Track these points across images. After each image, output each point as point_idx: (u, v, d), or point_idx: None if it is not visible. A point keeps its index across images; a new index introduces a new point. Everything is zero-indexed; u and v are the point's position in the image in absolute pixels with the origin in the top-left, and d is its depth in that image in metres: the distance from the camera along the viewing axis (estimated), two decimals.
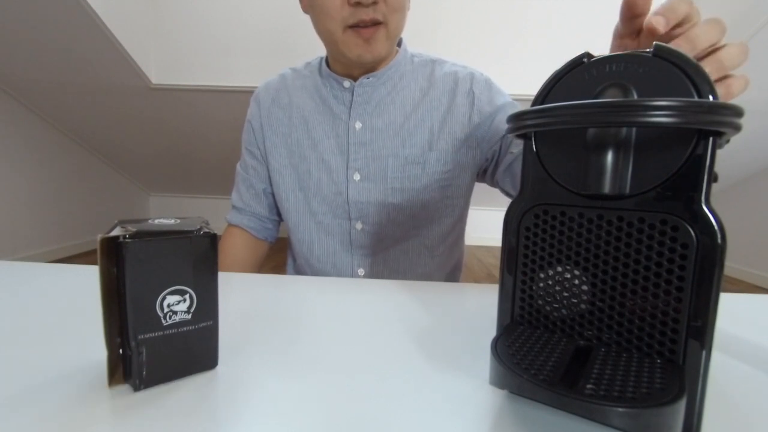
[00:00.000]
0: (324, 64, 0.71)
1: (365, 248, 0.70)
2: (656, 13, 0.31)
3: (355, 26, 0.59)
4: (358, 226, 0.69)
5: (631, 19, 0.34)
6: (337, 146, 0.69)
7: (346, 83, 0.68)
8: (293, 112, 0.72)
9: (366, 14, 0.58)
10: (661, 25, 0.31)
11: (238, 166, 0.78)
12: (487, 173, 0.71)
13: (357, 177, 0.68)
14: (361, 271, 0.71)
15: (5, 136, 2.63)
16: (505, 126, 0.65)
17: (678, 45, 0.30)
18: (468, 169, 0.69)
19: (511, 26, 2.43)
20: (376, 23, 0.59)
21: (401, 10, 0.61)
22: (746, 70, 0.31)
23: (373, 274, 0.71)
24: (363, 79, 0.67)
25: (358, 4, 0.57)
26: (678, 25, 0.32)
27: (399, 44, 0.72)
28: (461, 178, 0.69)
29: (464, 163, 0.69)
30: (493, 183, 0.71)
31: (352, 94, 0.68)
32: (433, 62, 0.72)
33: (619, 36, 0.37)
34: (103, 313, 0.25)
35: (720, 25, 0.32)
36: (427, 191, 0.68)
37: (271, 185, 0.75)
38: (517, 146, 0.63)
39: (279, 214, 0.78)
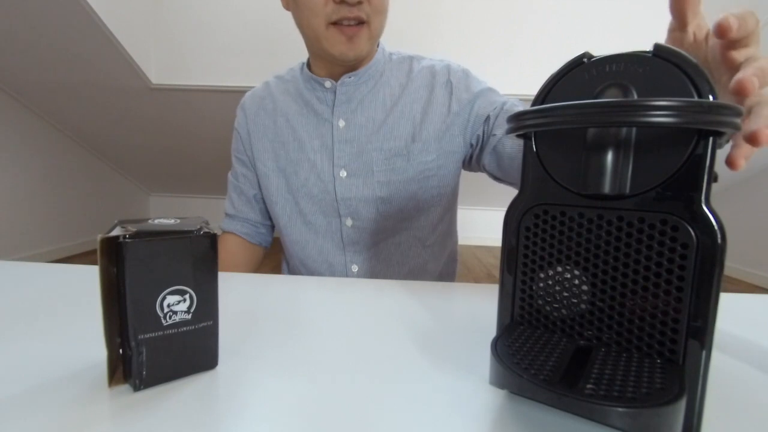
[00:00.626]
0: (305, 67, 0.72)
1: (357, 244, 0.71)
2: (732, 15, 0.29)
3: (338, 23, 0.60)
4: (348, 222, 0.70)
5: (678, 11, 0.33)
6: (321, 145, 0.69)
7: (327, 83, 0.69)
8: (278, 116, 0.73)
9: (350, 12, 0.59)
10: (734, 27, 0.28)
11: (229, 175, 0.79)
12: (473, 159, 0.72)
13: (343, 174, 0.68)
14: (354, 268, 0.71)
15: (5, 136, 2.63)
16: (485, 111, 0.67)
17: (754, 75, 0.27)
18: (453, 158, 0.70)
19: (512, 27, 2.43)
20: (360, 22, 0.60)
21: (384, 12, 0.63)
22: None
23: (366, 269, 0.71)
24: (345, 78, 0.68)
25: (342, 2, 0.58)
26: (737, 41, 0.30)
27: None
28: (446, 167, 0.70)
29: (448, 152, 0.69)
30: (480, 167, 0.72)
31: (335, 94, 0.69)
32: (411, 58, 0.73)
33: (670, 29, 0.36)
34: (103, 313, 0.25)
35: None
36: (414, 182, 0.68)
37: (261, 190, 0.76)
38: (499, 128, 0.64)
39: (271, 219, 0.79)
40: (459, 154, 0.70)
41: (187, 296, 0.27)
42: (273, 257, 0.84)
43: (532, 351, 0.25)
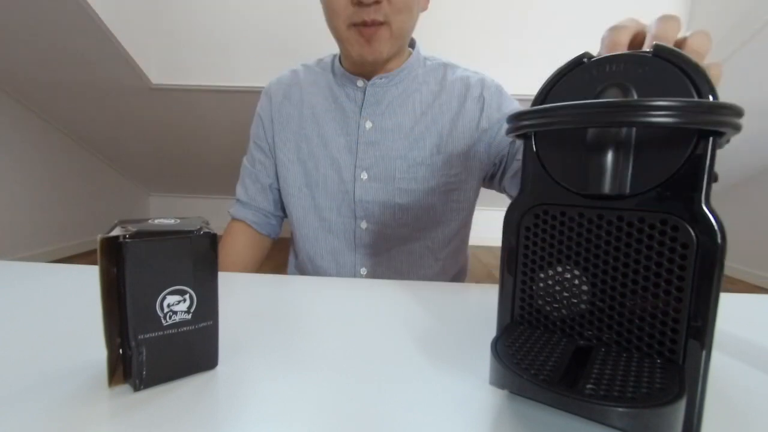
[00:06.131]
0: (337, 61, 0.72)
1: (369, 247, 0.70)
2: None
3: (358, 24, 0.60)
4: (363, 225, 0.69)
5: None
6: (346, 144, 0.69)
7: (360, 82, 0.68)
8: (304, 108, 0.72)
9: (367, 15, 0.58)
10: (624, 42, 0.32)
11: (244, 159, 0.78)
12: (494, 179, 0.72)
13: (364, 176, 0.68)
14: (363, 270, 0.71)
15: (5, 136, 2.63)
16: None
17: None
18: (475, 174, 0.70)
19: (512, 27, 2.43)
20: (380, 23, 0.60)
21: (406, 10, 0.61)
22: (747, 69, 0.31)
23: (375, 274, 0.71)
24: (376, 79, 0.68)
25: (360, 3, 0.58)
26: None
27: (413, 45, 0.73)
28: (468, 182, 0.70)
29: (471, 168, 0.69)
30: (501, 189, 0.72)
31: (364, 93, 0.68)
32: (445, 66, 0.72)
33: None
34: (103, 313, 0.25)
35: (677, 21, 0.31)
36: (434, 193, 0.68)
37: (277, 180, 0.75)
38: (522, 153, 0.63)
39: (283, 210, 0.78)
40: (481, 171, 0.70)
41: (186, 296, 0.27)
42: (275, 256, 0.84)
43: (532, 351, 0.25)
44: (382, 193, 0.68)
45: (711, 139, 0.22)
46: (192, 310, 0.27)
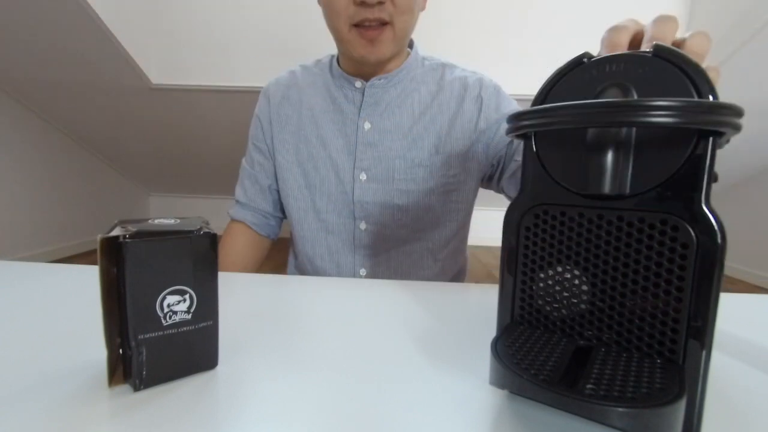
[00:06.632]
0: (335, 62, 0.71)
1: (368, 248, 0.70)
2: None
3: (360, 25, 0.60)
4: (362, 226, 0.69)
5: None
6: (345, 145, 0.69)
7: (358, 83, 0.68)
8: (303, 109, 0.72)
9: (371, 14, 0.58)
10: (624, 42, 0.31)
11: (243, 161, 0.78)
12: (492, 179, 0.72)
13: (363, 177, 0.68)
14: (363, 272, 0.71)
15: (5, 136, 2.63)
16: None
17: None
18: (473, 174, 0.70)
19: (512, 26, 2.43)
20: (382, 23, 0.59)
21: (409, 11, 0.61)
22: (747, 69, 0.31)
23: (374, 274, 0.71)
24: (374, 80, 0.67)
25: (362, 4, 0.57)
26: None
27: (411, 46, 0.73)
28: (467, 183, 0.70)
29: (470, 168, 0.69)
30: (499, 189, 0.72)
31: (363, 95, 0.68)
32: (443, 66, 0.72)
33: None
34: (103, 313, 0.25)
35: (675, 21, 0.31)
36: (433, 194, 0.68)
37: (276, 181, 0.75)
38: (521, 153, 0.63)
39: (283, 211, 0.78)
40: (479, 172, 0.70)
41: (187, 296, 0.27)
42: (275, 257, 0.84)
43: (532, 351, 0.25)
44: (381, 193, 0.68)
45: (711, 139, 0.22)
46: (192, 310, 0.27)
